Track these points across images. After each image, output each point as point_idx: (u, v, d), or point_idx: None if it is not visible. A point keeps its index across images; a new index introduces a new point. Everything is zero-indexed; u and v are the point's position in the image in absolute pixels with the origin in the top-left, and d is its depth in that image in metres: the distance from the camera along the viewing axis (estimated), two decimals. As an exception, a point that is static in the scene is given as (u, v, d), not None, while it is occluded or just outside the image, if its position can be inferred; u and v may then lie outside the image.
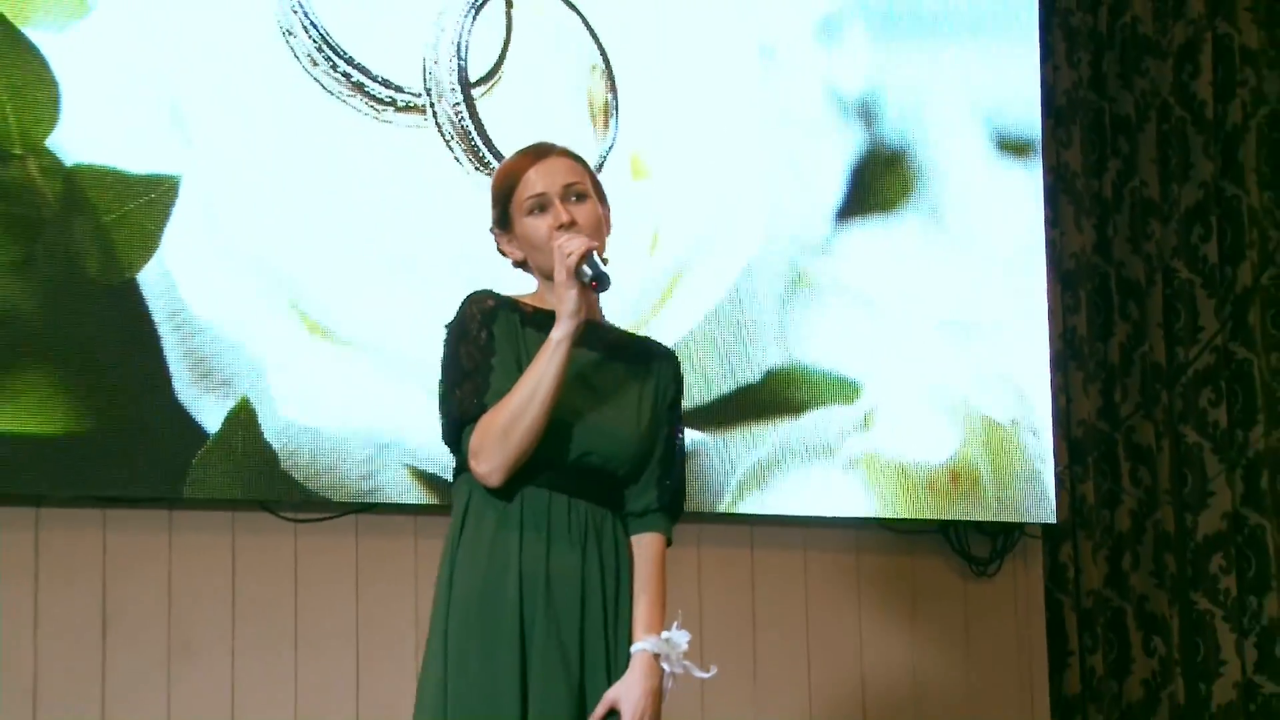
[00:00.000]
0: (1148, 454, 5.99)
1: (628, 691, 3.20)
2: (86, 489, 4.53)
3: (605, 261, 3.21)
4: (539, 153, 3.35)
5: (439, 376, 3.29)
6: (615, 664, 3.24)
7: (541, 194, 3.30)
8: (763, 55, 5.31)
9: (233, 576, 4.73)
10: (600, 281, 3.17)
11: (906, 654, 5.53)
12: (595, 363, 3.32)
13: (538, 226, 3.29)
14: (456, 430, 3.25)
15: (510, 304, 3.31)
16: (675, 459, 3.38)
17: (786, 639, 5.34)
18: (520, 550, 3.21)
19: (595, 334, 3.34)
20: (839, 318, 5.34)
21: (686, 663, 3.25)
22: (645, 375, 3.37)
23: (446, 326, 3.31)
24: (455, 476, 3.32)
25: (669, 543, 3.36)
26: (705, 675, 3.29)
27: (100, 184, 4.52)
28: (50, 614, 4.54)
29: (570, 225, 3.25)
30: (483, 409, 3.20)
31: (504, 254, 3.39)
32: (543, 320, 3.25)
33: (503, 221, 3.36)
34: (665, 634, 3.25)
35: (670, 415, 3.39)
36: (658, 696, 3.22)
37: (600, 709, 3.20)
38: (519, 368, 3.21)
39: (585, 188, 3.32)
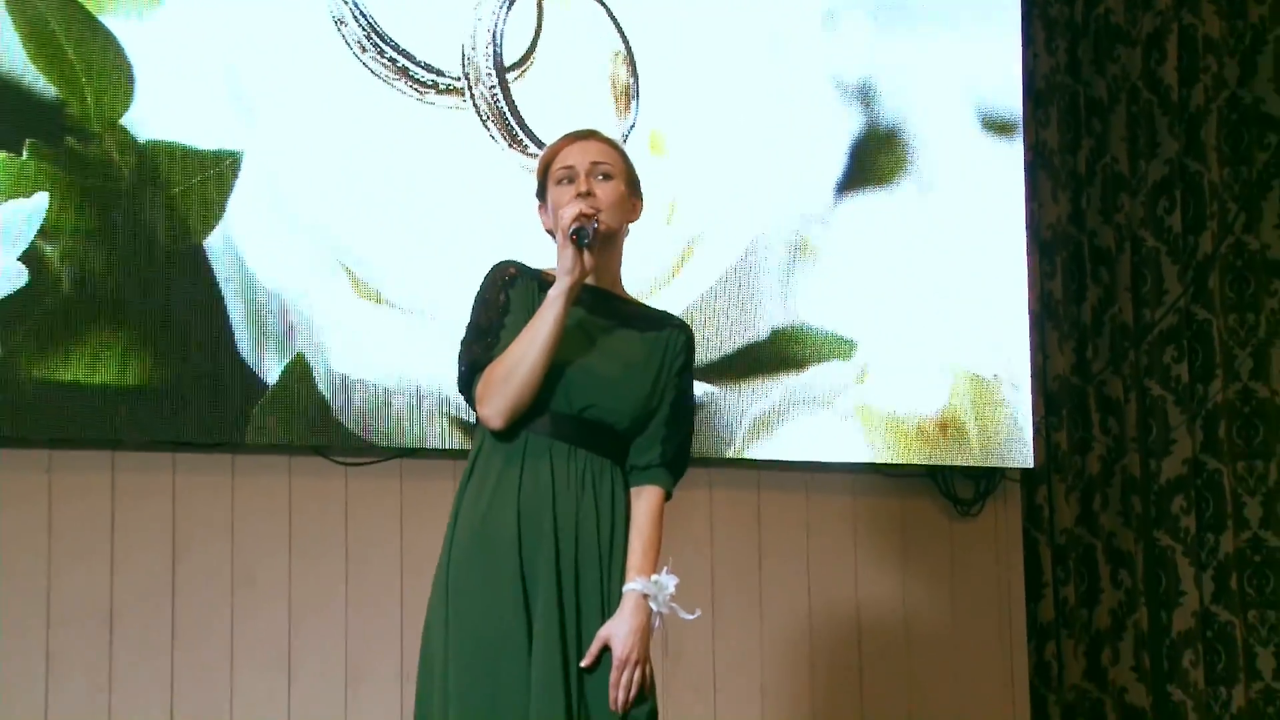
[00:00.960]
0: (1116, 406, 6.00)
1: (617, 629, 3.19)
2: (158, 435, 4.54)
3: (597, 230, 3.18)
4: (580, 135, 3.37)
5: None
6: (609, 606, 3.22)
7: (570, 167, 3.30)
8: (771, 43, 5.30)
9: (289, 514, 4.74)
10: (578, 236, 3.16)
11: (898, 587, 5.54)
12: (607, 328, 3.32)
13: (561, 195, 3.29)
14: (468, 378, 3.28)
15: (532, 274, 3.32)
16: (681, 421, 3.34)
17: (789, 573, 5.35)
18: (519, 490, 3.20)
19: (612, 305, 3.35)
20: (838, 281, 5.33)
21: (673, 604, 3.22)
22: (655, 342, 3.34)
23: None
24: (476, 425, 3.33)
25: (668, 497, 3.33)
26: (690, 617, 3.25)
27: (170, 159, 4.53)
28: (124, 548, 4.55)
29: (588, 195, 3.25)
30: (490, 360, 3.22)
31: (545, 228, 3.38)
32: None
33: (540, 192, 3.38)
34: (655, 576, 3.23)
35: (679, 381, 3.35)
36: (645, 633, 3.19)
37: (594, 646, 3.19)
38: None
39: (611, 169, 3.31)
